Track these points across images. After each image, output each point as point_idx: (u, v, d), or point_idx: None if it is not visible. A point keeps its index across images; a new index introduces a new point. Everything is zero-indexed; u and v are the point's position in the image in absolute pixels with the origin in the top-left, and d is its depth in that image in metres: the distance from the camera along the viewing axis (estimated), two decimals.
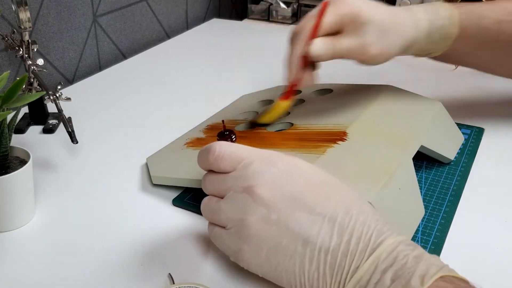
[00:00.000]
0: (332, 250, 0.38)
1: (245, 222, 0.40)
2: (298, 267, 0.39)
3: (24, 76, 0.47)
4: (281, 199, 0.40)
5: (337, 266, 0.37)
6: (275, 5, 1.28)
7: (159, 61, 0.99)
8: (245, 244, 0.41)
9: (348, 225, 0.38)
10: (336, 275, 0.37)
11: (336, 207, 0.39)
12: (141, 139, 0.70)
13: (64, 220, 0.53)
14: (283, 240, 0.39)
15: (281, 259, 0.39)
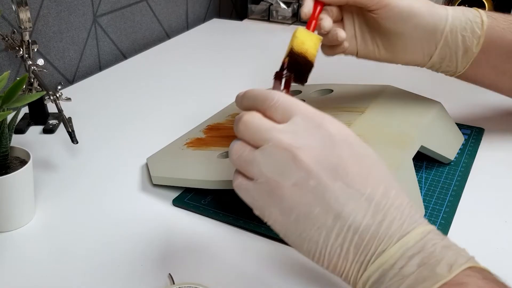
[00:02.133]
0: (362, 231, 0.37)
1: (280, 182, 0.38)
2: (323, 239, 0.38)
3: (24, 76, 0.47)
4: (323, 168, 0.38)
5: (363, 246, 0.37)
6: (275, 5, 1.28)
7: (159, 61, 0.99)
8: (275, 204, 0.39)
9: (384, 207, 0.37)
10: (360, 255, 0.37)
11: (375, 186, 0.38)
12: (141, 139, 0.70)
13: (64, 220, 0.53)
14: (315, 209, 0.38)
15: (308, 227, 0.38)
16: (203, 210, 0.55)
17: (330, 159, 0.38)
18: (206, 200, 0.56)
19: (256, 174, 0.40)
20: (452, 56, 0.62)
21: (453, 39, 0.61)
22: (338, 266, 0.38)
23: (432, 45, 0.61)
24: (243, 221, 0.53)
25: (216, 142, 0.64)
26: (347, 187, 0.38)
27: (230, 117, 0.71)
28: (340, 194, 0.37)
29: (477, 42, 0.61)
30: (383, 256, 0.36)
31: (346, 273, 0.38)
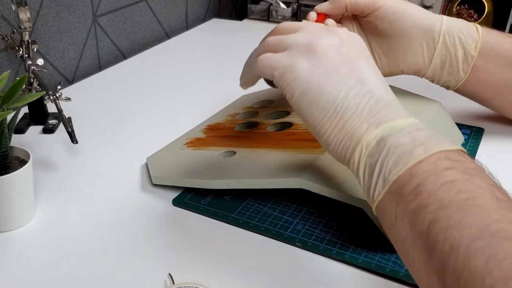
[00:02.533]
0: (378, 99, 0.41)
1: (315, 42, 0.44)
2: (342, 95, 0.42)
3: (24, 76, 0.47)
4: (353, 45, 0.45)
5: (376, 112, 0.41)
6: (275, 5, 1.28)
7: (159, 61, 0.99)
8: (305, 59, 0.43)
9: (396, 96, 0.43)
10: (371, 117, 0.41)
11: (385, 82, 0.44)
12: (141, 139, 0.70)
13: (64, 220, 0.53)
14: (342, 69, 0.43)
15: (332, 82, 0.42)
16: (203, 210, 0.55)
17: (358, 45, 0.46)
18: (206, 200, 0.56)
19: (291, 43, 0.45)
20: (453, 59, 0.62)
21: (451, 40, 0.62)
22: (348, 123, 0.41)
23: (431, 45, 0.62)
24: (243, 221, 0.53)
25: (216, 142, 0.64)
26: (370, 67, 0.44)
27: (230, 117, 0.71)
28: (365, 68, 0.44)
29: (474, 46, 0.62)
30: (393, 122, 0.40)
31: (354, 131, 0.41)
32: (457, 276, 0.31)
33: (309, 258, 0.49)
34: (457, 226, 0.32)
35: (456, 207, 0.33)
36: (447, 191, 0.34)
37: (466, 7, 1.24)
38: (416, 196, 0.35)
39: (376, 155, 0.39)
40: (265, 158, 0.56)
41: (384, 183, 0.38)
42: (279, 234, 0.51)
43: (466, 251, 0.31)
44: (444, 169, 0.36)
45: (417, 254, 0.35)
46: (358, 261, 0.48)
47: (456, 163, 0.36)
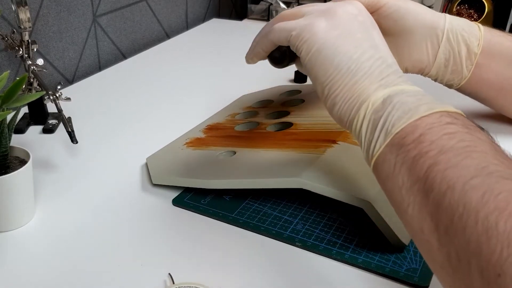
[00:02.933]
0: (390, 64, 0.44)
1: (333, 8, 0.47)
2: (357, 55, 0.44)
3: (24, 76, 0.47)
4: (368, 16, 0.48)
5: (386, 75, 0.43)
6: (275, 5, 1.28)
7: (159, 61, 0.99)
8: (324, 19, 0.46)
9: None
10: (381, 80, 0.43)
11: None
12: (141, 139, 0.70)
13: (64, 220, 0.53)
14: (358, 34, 0.45)
15: (347, 44, 0.45)
16: (203, 210, 0.55)
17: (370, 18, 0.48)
18: (206, 200, 0.56)
19: (308, 10, 0.48)
20: (456, 56, 0.63)
21: (454, 37, 0.62)
22: (359, 83, 0.43)
23: (435, 43, 0.62)
24: (243, 221, 0.53)
25: (215, 142, 0.64)
26: (381, 38, 0.47)
27: (229, 117, 0.71)
28: (378, 38, 0.46)
29: (477, 44, 0.62)
30: (401, 86, 0.42)
31: (363, 90, 0.43)
32: (452, 213, 0.32)
33: (309, 258, 0.49)
34: (455, 167, 0.33)
35: (455, 152, 0.34)
36: (448, 140, 0.35)
37: (466, 7, 1.24)
38: (417, 145, 0.36)
39: (381, 111, 0.40)
40: (265, 158, 0.56)
41: (385, 136, 0.39)
42: (279, 234, 0.51)
43: (463, 188, 0.32)
44: (446, 123, 0.37)
45: (412, 200, 0.35)
46: (358, 261, 0.48)
47: (458, 120, 0.37)
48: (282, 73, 0.81)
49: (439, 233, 0.33)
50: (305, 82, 0.87)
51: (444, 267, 0.33)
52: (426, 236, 0.34)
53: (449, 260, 0.32)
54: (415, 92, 0.41)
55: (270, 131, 0.63)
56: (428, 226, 0.34)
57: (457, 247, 0.31)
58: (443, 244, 0.32)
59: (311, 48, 0.45)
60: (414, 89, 0.42)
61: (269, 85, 0.83)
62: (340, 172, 0.50)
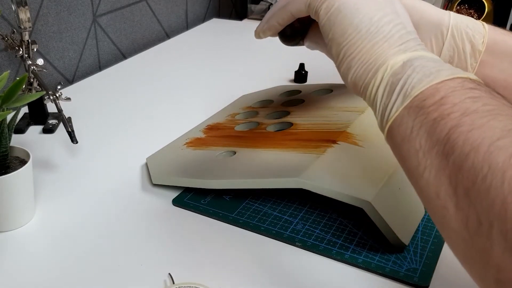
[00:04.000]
0: (409, 31, 0.43)
1: None
2: (377, 17, 0.43)
3: (24, 76, 0.47)
4: None
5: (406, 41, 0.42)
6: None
7: (159, 61, 0.99)
8: None
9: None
10: (400, 44, 0.41)
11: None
12: (141, 139, 0.70)
13: (64, 220, 0.53)
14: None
15: (370, 5, 0.43)
16: (203, 210, 0.55)
17: None
18: (206, 200, 0.56)
19: None
20: (461, 53, 0.63)
21: (458, 34, 0.62)
22: (377, 45, 0.42)
23: (439, 39, 0.63)
24: (243, 221, 0.53)
25: (215, 141, 0.64)
26: (402, 7, 0.45)
27: (230, 117, 0.71)
28: (399, 6, 0.45)
29: (482, 41, 0.62)
30: (420, 52, 0.40)
31: (381, 52, 0.41)
32: (475, 174, 0.30)
33: (309, 258, 0.49)
34: (480, 129, 0.32)
35: (480, 115, 0.33)
36: (472, 103, 0.34)
37: (466, 7, 1.24)
38: (438, 107, 0.35)
39: (400, 74, 0.39)
40: (265, 158, 0.56)
41: (404, 98, 0.37)
42: (279, 234, 0.51)
43: (488, 149, 0.30)
44: (469, 88, 0.35)
45: (430, 163, 0.34)
46: (358, 261, 0.48)
47: (482, 87, 0.36)
48: (282, 73, 0.81)
49: (457, 197, 0.32)
50: (305, 82, 0.87)
51: (459, 232, 0.31)
52: (442, 201, 0.33)
53: (466, 225, 0.31)
54: (435, 59, 0.40)
55: (270, 131, 0.63)
56: (445, 190, 0.32)
57: (479, 210, 0.30)
58: (461, 208, 0.31)
59: (330, 7, 0.44)
60: (434, 57, 0.41)
61: (269, 85, 0.83)
62: (340, 172, 0.50)
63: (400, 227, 0.47)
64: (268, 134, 0.62)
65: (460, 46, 0.63)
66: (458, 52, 0.63)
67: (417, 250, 0.49)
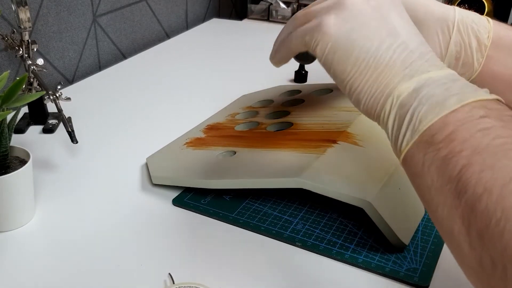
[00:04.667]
0: (411, 50, 0.40)
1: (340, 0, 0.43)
2: (375, 48, 0.41)
3: (24, 76, 0.47)
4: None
5: (409, 64, 0.40)
6: (275, 5, 1.28)
7: (159, 61, 0.99)
8: (335, 13, 0.43)
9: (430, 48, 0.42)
10: (404, 69, 0.40)
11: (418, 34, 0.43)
12: (141, 139, 0.70)
13: (64, 220, 0.53)
14: (372, 22, 0.42)
15: (362, 36, 0.42)
16: (203, 210, 0.55)
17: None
18: (206, 200, 0.56)
19: (318, 9, 0.45)
20: (467, 48, 0.64)
21: (464, 29, 0.63)
22: (381, 76, 0.40)
23: (446, 34, 0.63)
24: (243, 221, 0.53)
25: (215, 141, 0.64)
26: (402, 19, 0.43)
27: (229, 117, 0.71)
28: (396, 20, 0.42)
29: (487, 36, 0.63)
30: (428, 74, 0.39)
31: (386, 83, 0.40)
32: (488, 217, 0.30)
33: (309, 258, 0.49)
34: (492, 169, 0.31)
35: (491, 152, 0.32)
36: (482, 137, 0.33)
37: (466, 7, 1.24)
38: (448, 144, 0.34)
39: (407, 106, 0.38)
40: (265, 158, 0.56)
41: (412, 133, 0.37)
42: (279, 234, 0.51)
43: (501, 191, 0.30)
44: (479, 117, 0.34)
45: (443, 201, 0.34)
46: (358, 261, 0.48)
47: (492, 112, 0.35)
48: (282, 73, 0.81)
49: (470, 237, 0.31)
50: (305, 82, 0.87)
51: (475, 269, 0.31)
52: (456, 238, 0.33)
53: (480, 264, 0.31)
54: (444, 78, 0.38)
55: (270, 131, 0.63)
56: (459, 229, 0.32)
57: (492, 252, 0.30)
58: (474, 247, 0.31)
59: (325, 48, 0.43)
60: (443, 74, 0.39)
61: (269, 85, 0.83)
62: (340, 172, 0.50)
63: (400, 227, 0.47)
64: (268, 134, 0.62)
65: (467, 41, 0.63)
66: (464, 47, 0.63)
67: (417, 250, 0.49)
